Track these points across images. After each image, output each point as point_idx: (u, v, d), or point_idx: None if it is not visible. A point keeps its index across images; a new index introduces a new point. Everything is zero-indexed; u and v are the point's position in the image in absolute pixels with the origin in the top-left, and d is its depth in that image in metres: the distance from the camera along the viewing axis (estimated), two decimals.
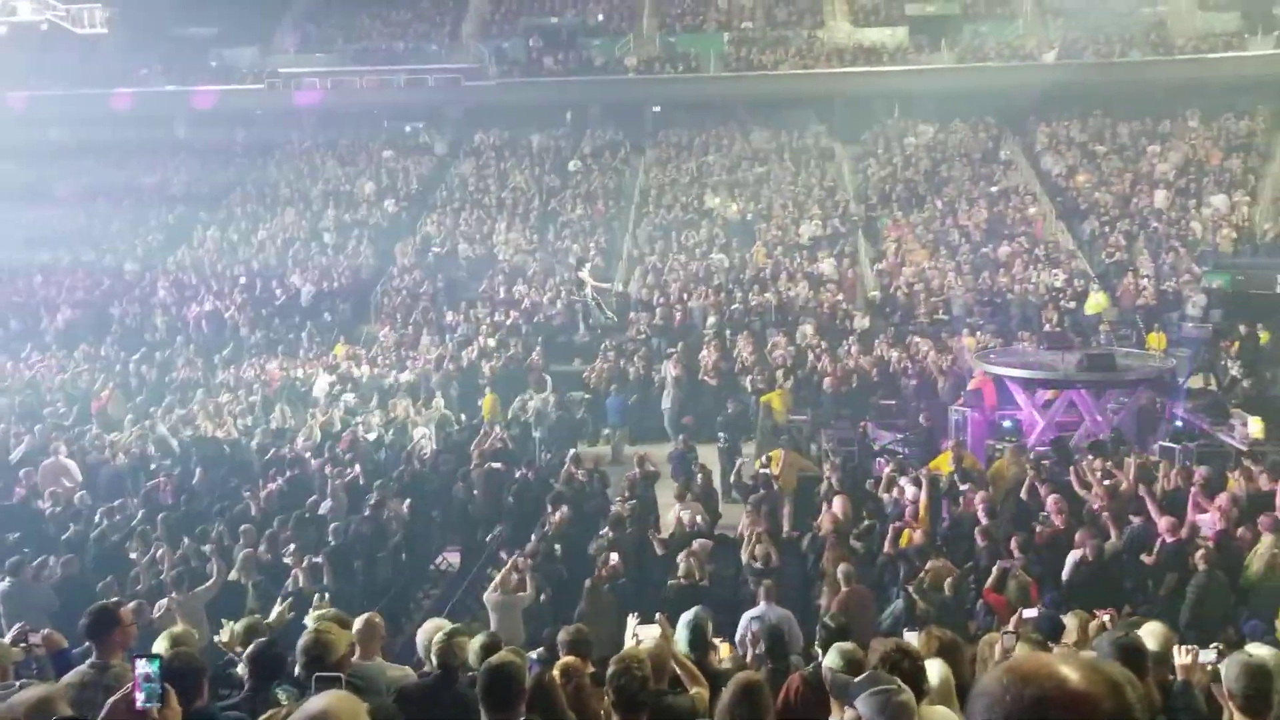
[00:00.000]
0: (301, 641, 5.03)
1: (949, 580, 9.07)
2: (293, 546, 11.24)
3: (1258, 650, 4.33)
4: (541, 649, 7.12)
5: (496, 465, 14.80)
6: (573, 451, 16.08)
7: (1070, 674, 1.30)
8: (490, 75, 33.34)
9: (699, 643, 6.00)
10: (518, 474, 14.47)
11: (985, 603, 9.27)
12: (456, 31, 36.16)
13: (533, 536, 11.75)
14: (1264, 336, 20.29)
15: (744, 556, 11.03)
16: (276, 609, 7.54)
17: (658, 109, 34.21)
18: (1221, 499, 10.61)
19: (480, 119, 34.09)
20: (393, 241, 28.12)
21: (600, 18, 35.66)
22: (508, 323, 23.03)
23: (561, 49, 33.97)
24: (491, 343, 21.82)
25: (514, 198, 29.48)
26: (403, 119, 35.61)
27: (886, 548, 10.65)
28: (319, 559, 10.99)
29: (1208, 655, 4.99)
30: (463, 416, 18.17)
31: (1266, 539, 9.40)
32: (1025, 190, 28.64)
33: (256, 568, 10.90)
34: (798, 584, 11.04)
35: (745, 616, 8.79)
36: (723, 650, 6.86)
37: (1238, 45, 30.64)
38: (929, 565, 9.58)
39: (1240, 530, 10.00)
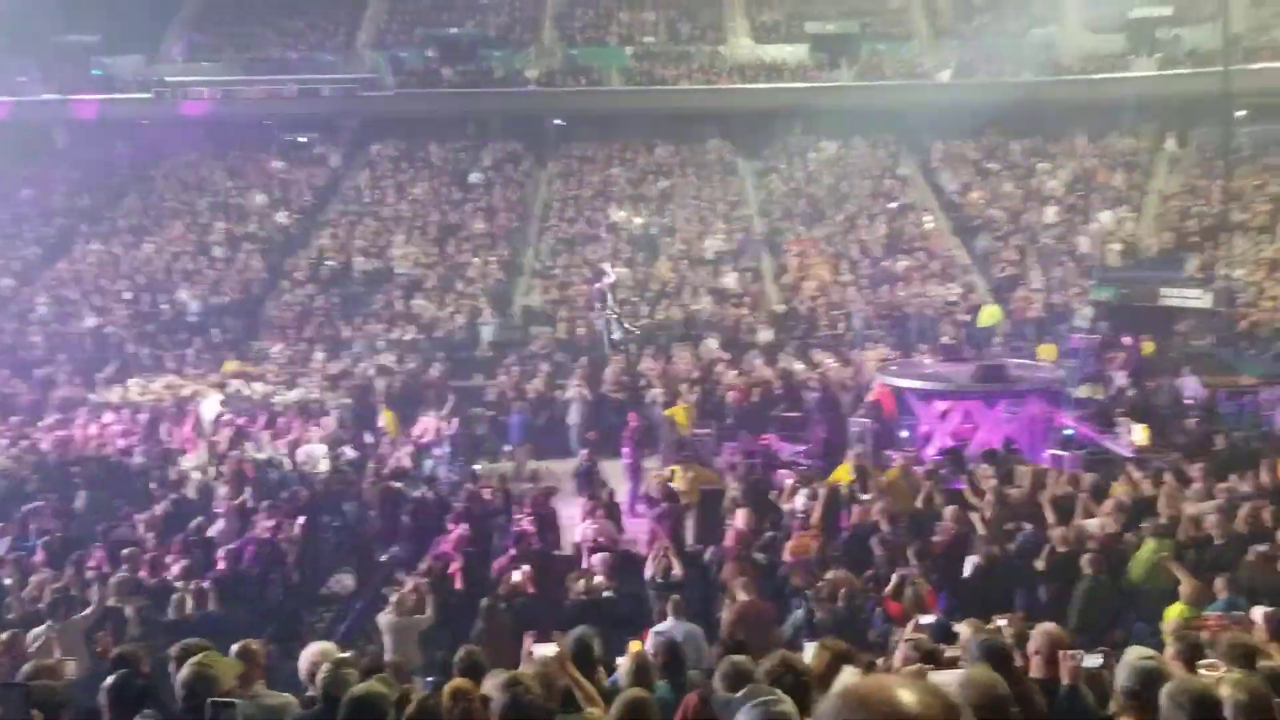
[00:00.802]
0: (182, 675, 4.75)
1: (843, 591, 9.08)
2: (179, 569, 10.79)
3: (1143, 653, 4.35)
4: (433, 676, 6.91)
5: (395, 484, 14.45)
6: (475, 468, 15.80)
7: (905, 697, 1.25)
8: (387, 86, 32.82)
9: (584, 662, 5.84)
10: (416, 493, 14.13)
11: (883, 610, 9.31)
12: (351, 41, 35.54)
13: (428, 555, 11.46)
14: (1147, 347, 20.98)
15: (648, 571, 10.91)
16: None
17: (560, 122, 34.09)
18: (1108, 505, 10.86)
19: (376, 130, 33.55)
20: (284, 255, 27.44)
21: (500, 29, 35.38)
22: (406, 338, 22.60)
23: (461, 60, 33.62)
24: (390, 359, 21.41)
25: (412, 210, 29.02)
26: (295, 130, 34.82)
27: (785, 558, 10.66)
28: (206, 583, 10.55)
29: (1094, 659, 5.01)
30: (368, 437, 17.61)
31: (1150, 543, 9.62)
32: (922, 206, 29.24)
33: (138, 592, 10.40)
34: (700, 598, 10.95)
35: (652, 632, 8.68)
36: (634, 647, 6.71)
37: (1122, 66, 31.77)
38: (828, 575, 9.58)
39: (1126, 535, 10.23)
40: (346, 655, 6.26)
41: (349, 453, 16.33)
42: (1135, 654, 4.29)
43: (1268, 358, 20.13)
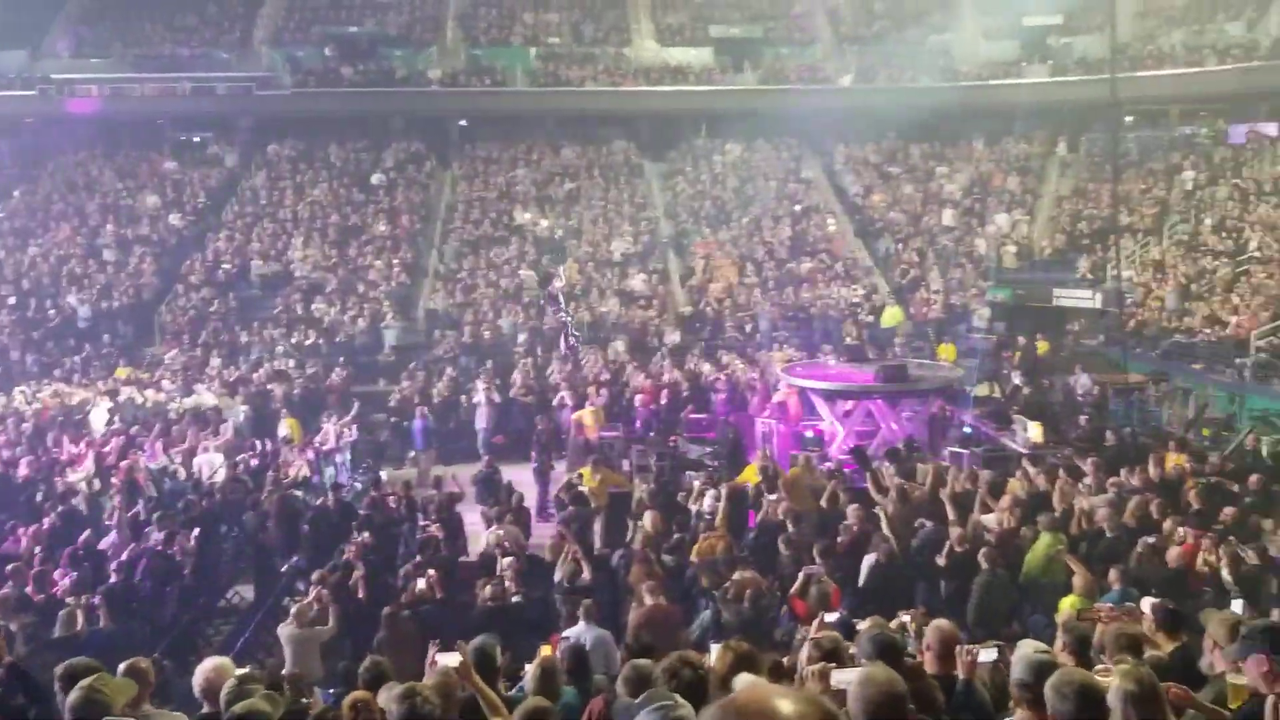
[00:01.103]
0: (71, 700, 4.51)
1: (749, 591, 9.12)
2: (68, 584, 10.37)
3: (1036, 646, 4.44)
4: (335, 687, 6.75)
5: (295, 492, 14.10)
6: (380, 475, 15.53)
7: (783, 707, 1.25)
8: (284, 85, 32.07)
9: (486, 670, 5.76)
10: (317, 501, 13.82)
11: (789, 609, 9.38)
12: (247, 39, 34.63)
13: (329, 564, 11.20)
14: (1042, 346, 21.61)
15: (557, 575, 10.84)
16: None
17: (464, 122, 33.71)
18: (1004, 501, 11.11)
19: (274, 130, 32.67)
20: (179, 258, 26.62)
21: (401, 28, 34.86)
22: (307, 343, 22.13)
23: (360, 59, 33.02)
24: (290, 364, 20.94)
25: (312, 212, 28.39)
26: (189, 129, 33.80)
27: (693, 558, 10.69)
28: (97, 598, 10.14)
29: (989, 653, 5.10)
30: (268, 442, 17.13)
31: (1045, 537, 9.87)
32: (825, 209, 29.68)
33: (25, 609, 9.95)
34: (609, 601, 10.91)
35: (561, 637, 8.64)
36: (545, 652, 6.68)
37: (1016, 73, 32.67)
38: (735, 576, 9.61)
39: (1022, 529, 10.48)
40: (247, 670, 6.08)
41: (251, 462, 15.90)
42: (1029, 648, 4.37)
43: (1154, 356, 20.88)
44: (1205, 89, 29.35)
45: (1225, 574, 8.73)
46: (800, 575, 9.38)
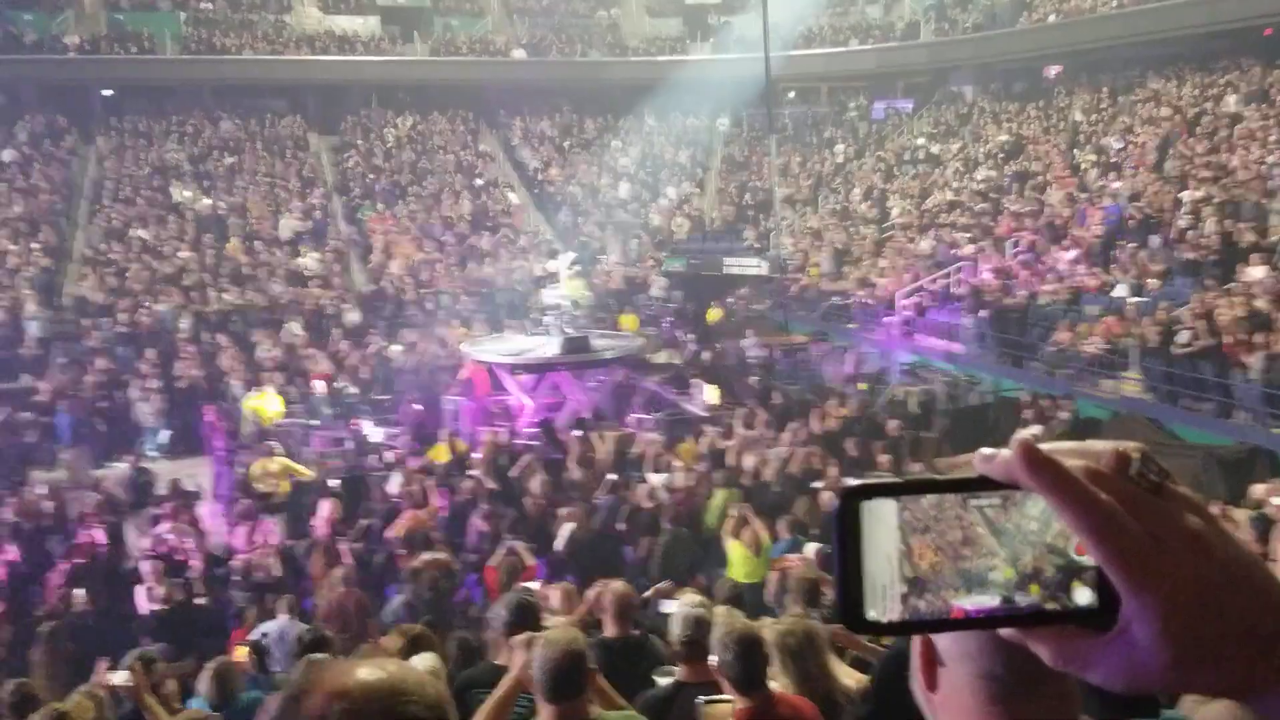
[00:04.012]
0: None
1: (433, 571, 9.01)
2: None
3: (692, 600, 4.68)
4: None
5: None
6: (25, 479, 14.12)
7: (360, 671, 1.24)
8: None
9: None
10: None
11: (483, 584, 9.37)
12: None
13: None
14: (713, 314, 22.74)
15: (237, 572, 10.34)
16: None
17: (109, 93, 30.75)
18: (684, 461, 11.63)
19: None
20: None
21: None
22: None
23: None
24: None
25: None
26: None
27: (385, 538, 10.50)
28: None
29: (671, 606, 5.31)
30: None
31: (720, 493, 10.42)
32: (505, 182, 29.67)
33: None
34: (295, 594, 10.48)
35: (258, 632, 8.27)
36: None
37: (681, 50, 33.94)
38: (425, 557, 9.46)
39: (700, 488, 11.02)
40: None
41: None
42: (686, 602, 4.59)
43: (815, 317, 22.48)
44: (849, 68, 31.74)
45: None
46: (503, 547, 9.39)
